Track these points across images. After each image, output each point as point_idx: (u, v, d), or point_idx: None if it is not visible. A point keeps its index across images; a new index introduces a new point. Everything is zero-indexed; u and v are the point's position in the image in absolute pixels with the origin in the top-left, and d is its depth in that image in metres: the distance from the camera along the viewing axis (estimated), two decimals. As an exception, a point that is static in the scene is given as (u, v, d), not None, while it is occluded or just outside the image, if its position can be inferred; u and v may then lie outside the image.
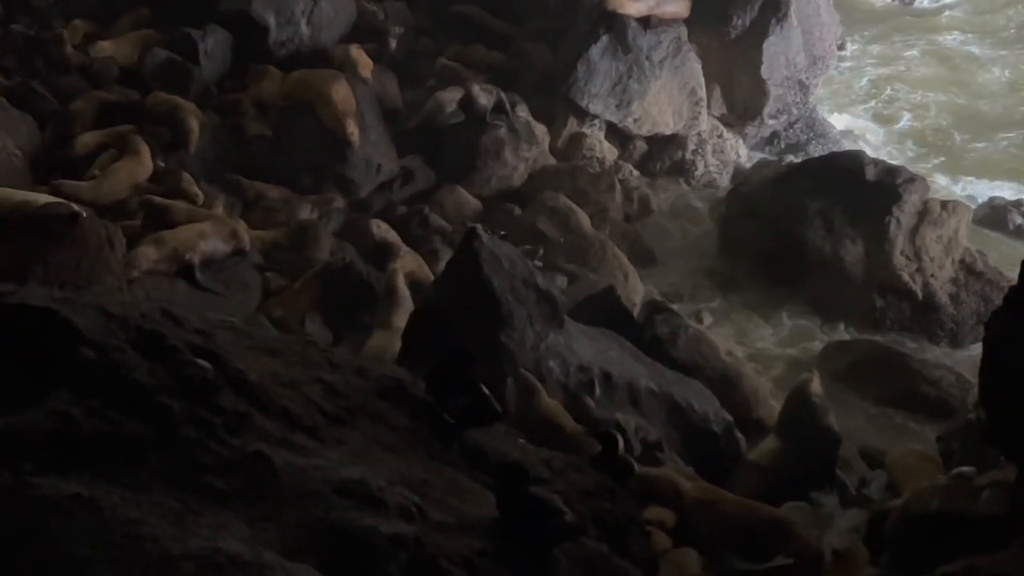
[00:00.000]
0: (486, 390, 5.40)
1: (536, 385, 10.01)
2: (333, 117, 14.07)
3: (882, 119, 21.43)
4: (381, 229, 13.35)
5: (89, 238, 9.96)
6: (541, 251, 13.50)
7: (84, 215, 10.07)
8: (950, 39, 24.42)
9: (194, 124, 13.69)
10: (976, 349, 12.82)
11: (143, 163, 12.97)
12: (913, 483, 10.00)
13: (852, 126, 20.84)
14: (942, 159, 20.18)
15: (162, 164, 13.23)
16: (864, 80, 22.59)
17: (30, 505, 3.42)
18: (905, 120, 21.34)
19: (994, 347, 7.41)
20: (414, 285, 12.49)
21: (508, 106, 15.51)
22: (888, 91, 22.24)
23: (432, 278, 12.68)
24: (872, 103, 21.91)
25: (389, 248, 12.99)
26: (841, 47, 23.08)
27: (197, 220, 12.14)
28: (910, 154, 20.08)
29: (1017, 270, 7.48)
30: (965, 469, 9.09)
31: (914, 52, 23.68)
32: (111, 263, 10.14)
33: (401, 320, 11.53)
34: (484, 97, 15.23)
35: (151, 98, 13.98)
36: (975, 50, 23.88)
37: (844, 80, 22.48)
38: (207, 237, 11.88)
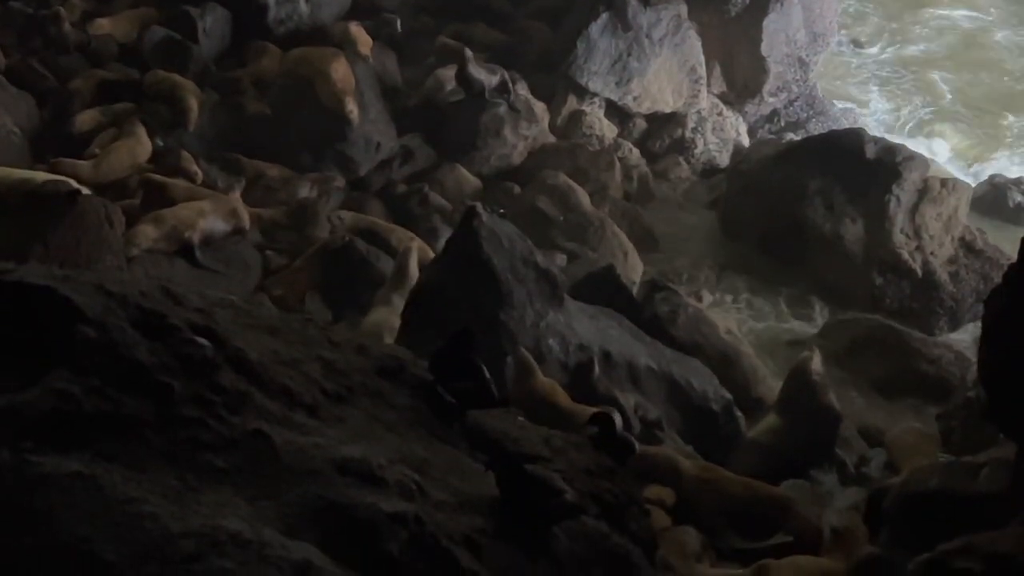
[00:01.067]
0: (487, 374, 5.41)
1: (531, 365, 10.02)
2: (332, 95, 14.04)
3: (897, 96, 21.39)
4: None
5: (89, 216, 9.97)
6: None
7: (83, 193, 10.06)
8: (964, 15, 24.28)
9: (193, 102, 13.66)
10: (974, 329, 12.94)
11: (142, 142, 12.95)
12: (912, 461, 10.01)
13: (861, 104, 20.80)
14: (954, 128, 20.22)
15: (161, 143, 13.20)
16: (877, 57, 22.46)
17: (30, 483, 3.43)
18: (920, 97, 21.33)
19: (993, 325, 7.41)
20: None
21: (511, 86, 15.48)
22: (902, 69, 22.18)
23: (429, 252, 12.69)
24: (884, 79, 21.83)
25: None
26: (858, 44, 23.04)
27: (196, 198, 12.13)
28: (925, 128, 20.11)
29: (1017, 248, 7.48)
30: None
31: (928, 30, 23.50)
32: (111, 241, 10.15)
33: (401, 300, 11.53)
34: (478, 71, 15.18)
35: (150, 76, 13.94)
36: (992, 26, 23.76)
37: (856, 60, 22.34)
38: (207, 215, 11.87)
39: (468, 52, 15.19)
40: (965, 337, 14.13)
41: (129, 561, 3.28)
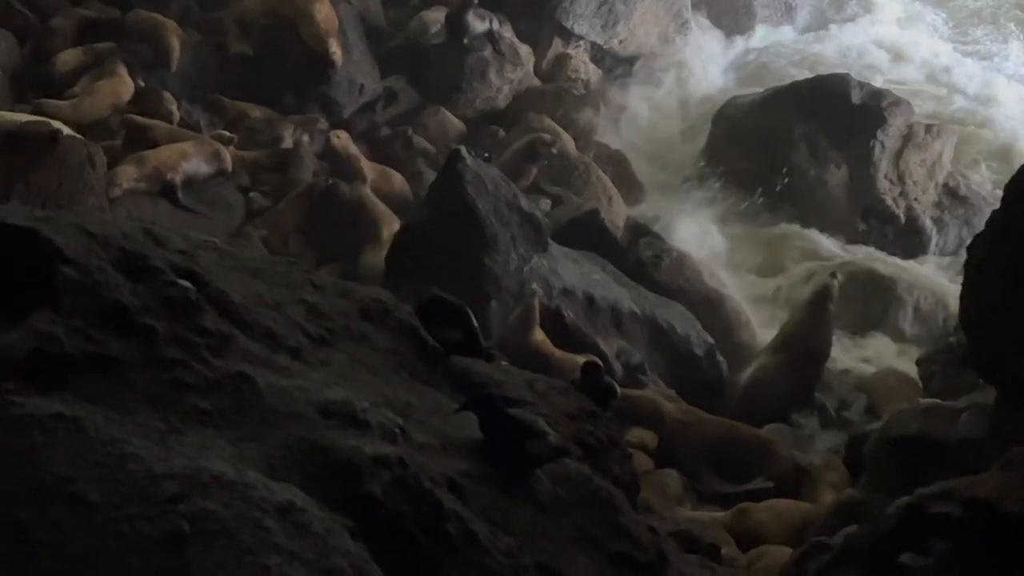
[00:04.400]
0: (476, 325, 5.42)
1: (534, 320, 10.04)
2: (315, 36, 13.92)
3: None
4: (341, 140, 13.10)
5: (70, 157, 9.90)
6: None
7: (64, 133, 9.99)
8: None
9: (175, 43, 13.53)
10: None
11: (124, 82, 12.84)
12: (893, 405, 10.09)
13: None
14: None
15: (142, 83, 13.09)
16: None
17: (12, 424, 3.42)
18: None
19: (975, 272, 7.43)
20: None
21: (498, 28, 15.37)
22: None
23: (396, 186, 12.67)
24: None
25: (349, 162, 12.78)
26: None
27: (179, 140, 12.05)
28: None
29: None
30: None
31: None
32: (92, 182, 10.09)
33: (390, 230, 11.56)
34: (474, 18, 15.06)
35: (131, 15, 13.79)
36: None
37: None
38: (189, 157, 11.81)
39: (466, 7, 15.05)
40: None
41: (112, 501, 3.28)
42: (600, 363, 6.89)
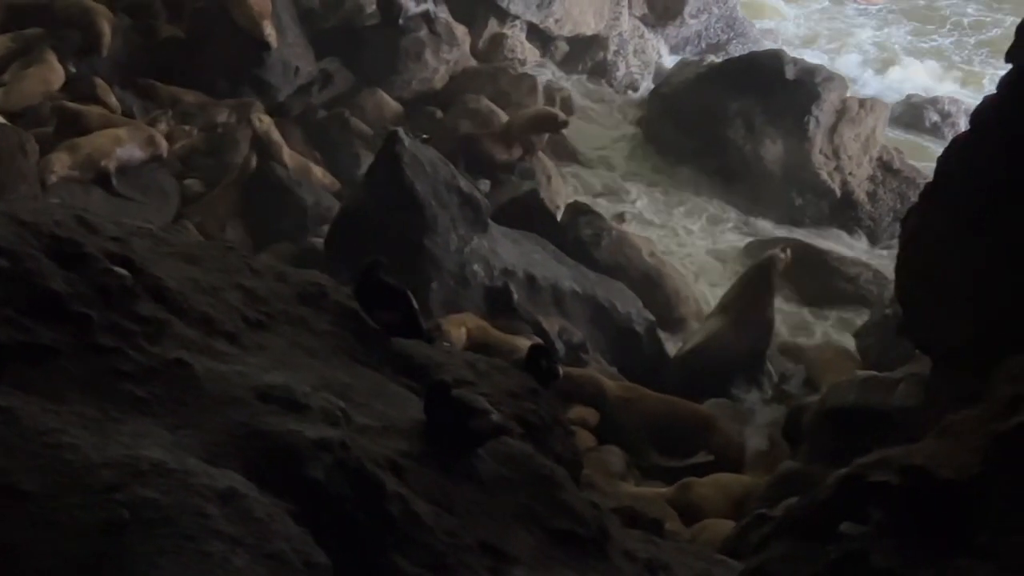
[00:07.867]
0: (415, 305, 5.40)
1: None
2: (248, 18, 13.77)
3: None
4: (264, 124, 12.87)
5: (1, 146, 9.76)
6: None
7: (-5, 122, 9.86)
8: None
9: (105, 27, 13.34)
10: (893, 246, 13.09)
11: (53, 68, 12.65)
12: (831, 377, 10.20)
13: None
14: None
15: (73, 69, 12.90)
16: None
17: (-54, 416, 3.38)
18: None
19: (909, 243, 7.52)
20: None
21: (434, 12, 15.33)
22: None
23: (315, 179, 12.62)
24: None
25: (270, 149, 12.60)
26: None
27: (112, 126, 11.90)
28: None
29: (932, 167, 7.58)
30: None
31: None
32: (25, 170, 9.96)
33: None
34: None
35: (60, 0, 13.57)
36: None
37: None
38: (123, 143, 11.67)
39: None
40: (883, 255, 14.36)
41: (49, 491, 3.25)
42: (546, 346, 6.90)
